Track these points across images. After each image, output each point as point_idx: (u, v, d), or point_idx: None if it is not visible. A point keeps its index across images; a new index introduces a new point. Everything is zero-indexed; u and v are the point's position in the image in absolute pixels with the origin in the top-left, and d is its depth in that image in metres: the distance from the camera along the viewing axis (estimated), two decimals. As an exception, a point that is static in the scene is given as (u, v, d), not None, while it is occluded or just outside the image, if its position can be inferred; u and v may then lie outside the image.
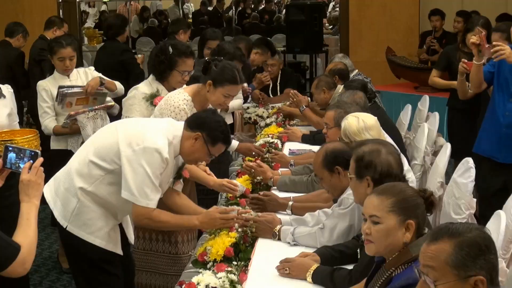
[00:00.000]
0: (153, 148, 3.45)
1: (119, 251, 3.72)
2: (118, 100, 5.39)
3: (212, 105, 4.42)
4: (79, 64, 6.42)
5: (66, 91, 5.23)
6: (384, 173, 3.02)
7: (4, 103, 4.55)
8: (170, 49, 4.69)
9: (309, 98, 6.73)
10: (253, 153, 5.12)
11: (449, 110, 6.67)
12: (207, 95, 4.33)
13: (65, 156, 5.12)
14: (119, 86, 5.56)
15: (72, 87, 5.28)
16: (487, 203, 4.90)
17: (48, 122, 5.29)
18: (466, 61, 5.45)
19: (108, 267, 3.67)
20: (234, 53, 5.56)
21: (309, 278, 3.15)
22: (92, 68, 5.65)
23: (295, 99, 6.42)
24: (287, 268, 3.19)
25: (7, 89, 4.62)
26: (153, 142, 3.47)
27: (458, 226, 2.09)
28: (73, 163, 3.66)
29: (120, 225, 3.81)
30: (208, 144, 3.59)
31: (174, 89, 4.61)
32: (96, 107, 5.30)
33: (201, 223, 3.65)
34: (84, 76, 5.44)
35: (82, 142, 5.09)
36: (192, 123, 3.64)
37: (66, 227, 3.58)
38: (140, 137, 3.51)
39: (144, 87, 4.74)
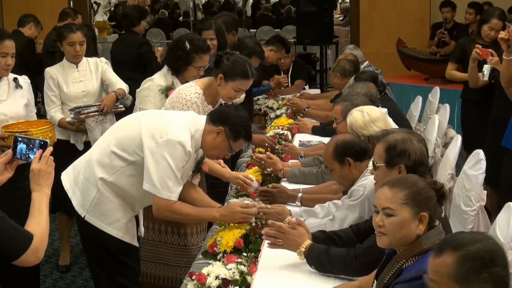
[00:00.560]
0: (177, 141, 3.46)
1: (136, 243, 3.75)
2: (132, 90, 5.37)
3: (222, 99, 4.43)
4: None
5: (81, 111, 5.19)
6: (418, 161, 3.00)
7: (21, 94, 4.57)
8: (187, 45, 4.70)
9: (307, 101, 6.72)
10: (266, 144, 5.14)
11: (462, 103, 6.62)
12: (218, 89, 4.34)
13: (68, 147, 5.20)
14: (127, 90, 5.51)
15: (88, 106, 5.22)
16: (508, 196, 4.85)
17: (54, 112, 5.26)
18: (480, 47, 5.41)
19: (125, 259, 3.69)
20: (254, 48, 5.59)
21: (299, 255, 3.16)
22: (104, 59, 5.62)
23: (294, 108, 6.44)
24: (280, 240, 3.20)
25: (24, 80, 4.64)
26: (176, 135, 3.48)
27: (462, 238, 2.04)
28: (94, 153, 3.67)
29: (136, 217, 3.84)
30: (230, 139, 3.59)
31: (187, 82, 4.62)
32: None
33: (222, 215, 3.63)
34: (94, 67, 5.41)
35: (86, 142, 5.23)
36: (215, 118, 3.64)
37: (84, 217, 3.60)
38: (164, 129, 3.51)
39: (160, 79, 4.75)
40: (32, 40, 7.96)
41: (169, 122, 3.60)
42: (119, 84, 5.42)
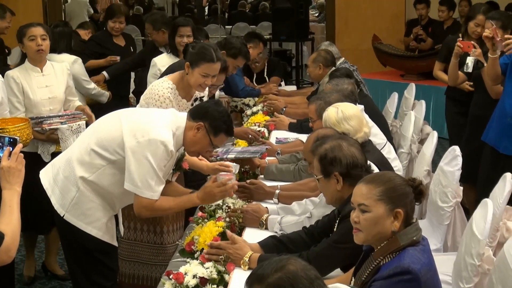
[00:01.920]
0: (159, 140, 3.42)
1: (115, 243, 3.71)
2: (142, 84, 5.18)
3: (193, 88, 4.41)
4: (70, 51, 6.29)
5: (43, 121, 4.86)
6: (350, 164, 3.04)
7: None
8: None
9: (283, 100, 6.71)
10: (250, 136, 5.18)
11: (446, 99, 6.63)
12: (187, 78, 4.35)
13: (32, 159, 4.72)
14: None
15: (51, 117, 4.89)
16: (486, 191, 4.88)
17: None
18: (461, 39, 5.39)
19: (104, 259, 3.65)
20: (240, 48, 5.60)
21: (243, 265, 3.15)
22: (67, 65, 5.27)
23: (271, 108, 6.44)
24: (221, 256, 3.19)
25: None
26: (158, 134, 3.45)
27: (264, 269, 1.97)
28: (74, 151, 3.62)
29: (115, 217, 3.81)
30: (210, 134, 3.56)
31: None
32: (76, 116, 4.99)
33: (202, 199, 3.62)
34: (59, 71, 5.09)
35: (53, 153, 4.85)
36: (195, 113, 3.62)
37: (63, 216, 3.55)
38: (145, 128, 3.48)
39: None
40: None
41: (151, 120, 3.56)
42: (77, 102, 5.21)
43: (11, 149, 2.71)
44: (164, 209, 3.59)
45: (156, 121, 3.55)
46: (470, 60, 5.38)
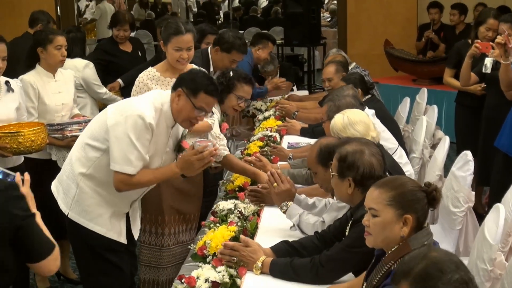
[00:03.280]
0: (136, 114, 3.41)
1: (123, 240, 3.68)
2: None
3: (173, 65, 4.41)
4: (82, 56, 6.33)
5: (65, 128, 4.89)
6: (366, 174, 3.04)
7: (13, 97, 4.51)
8: (231, 73, 4.79)
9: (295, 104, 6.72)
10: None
11: (456, 106, 6.61)
12: (167, 58, 4.40)
13: (45, 166, 4.87)
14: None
15: (70, 124, 4.92)
16: (498, 198, 4.87)
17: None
18: (479, 41, 5.37)
19: (110, 256, 3.64)
20: (233, 42, 5.46)
21: (256, 270, 3.15)
22: (73, 72, 5.34)
23: (283, 113, 6.44)
24: (234, 258, 3.19)
25: (16, 83, 4.57)
26: (135, 109, 3.45)
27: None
28: (73, 151, 3.67)
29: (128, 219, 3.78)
30: (190, 97, 3.51)
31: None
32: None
33: (180, 168, 3.58)
34: (68, 77, 5.13)
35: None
36: (174, 84, 3.62)
37: (67, 214, 3.59)
38: (124, 107, 3.52)
39: None
40: None
41: (131, 100, 3.65)
42: (76, 110, 5.22)
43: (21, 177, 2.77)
44: (143, 183, 3.56)
45: (136, 99, 3.64)
46: (488, 61, 5.36)
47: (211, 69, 5.38)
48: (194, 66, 4.53)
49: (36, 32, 5.38)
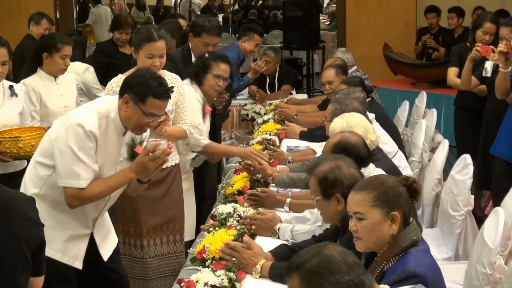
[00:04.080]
0: (75, 123, 3.21)
1: (78, 265, 3.42)
2: None
3: None
4: (82, 59, 6.33)
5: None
6: (351, 185, 3.01)
7: (16, 102, 4.51)
8: (206, 54, 4.75)
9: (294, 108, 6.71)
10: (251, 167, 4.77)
11: (456, 110, 6.61)
12: (138, 64, 4.23)
13: None
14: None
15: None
16: (498, 202, 4.85)
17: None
18: (480, 44, 5.37)
19: (55, 285, 3.30)
20: (203, 25, 5.36)
21: (255, 274, 3.15)
22: (75, 76, 5.35)
23: (282, 116, 6.43)
24: (234, 258, 3.19)
25: (20, 88, 4.57)
26: (74, 118, 3.25)
27: (302, 256, 1.97)
28: (26, 171, 3.45)
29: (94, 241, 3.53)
30: (138, 104, 3.29)
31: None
32: None
33: (135, 172, 3.37)
34: (70, 80, 5.17)
35: None
36: (120, 89, 3.39)
37: None
38: (66, 118, 3.32)
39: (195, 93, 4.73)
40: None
41: (73, 110, 3.43)
42: None
43: None
44: (96, 194, 3.31)
45: (78, 108, 3.42)
46: (489, 65, 5.35)
47: (193, 59, 5.28)
48: (166, 72, 4.37)
49: (45, 36, 5.37)
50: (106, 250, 3.61)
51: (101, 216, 3.54)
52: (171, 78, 4.37)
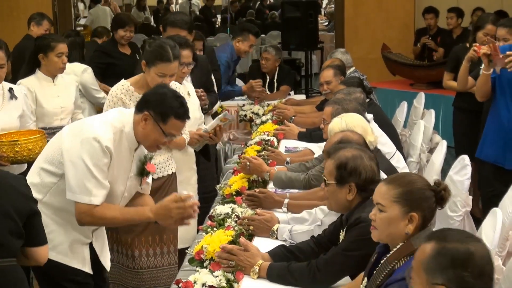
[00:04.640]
0: (91, 137, 3.15)
1: (87, 269, 3.42)
2: None
3: (151, 86, 4.02)
4: (81, 60, 6.32)
5: None
6: (368, 179, 3.04)
7: (15, 105, 4.49)
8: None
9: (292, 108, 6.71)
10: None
11: (454, 110, 6.61)
12: (145, 77, 4.13)
13: None
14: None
15: None
16: (491, 203, 4.86)
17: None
18: (478, 45, 5.38)
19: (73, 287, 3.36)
20: (182, 19, 5.24)
21: (253, 275, 3.15)
22: (75, 77, 5.35)
23: (281, 117, 6.43)
24: (231, 262, 3.19)
25: (20, 91, 4.56)
26: (91, 131, 3.18)
27: (452, 234, 2.06)
28: (28, 177, 3.34)
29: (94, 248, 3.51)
30: (159, 123, 3.24)
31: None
32: None
33: (156, 215, 3.28)
34: (69, 81, 5.16)
35: None
36: (139, 104, 3.33)
37: None
38: (79, 129, 3.26)
39: None
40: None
41: (88, 121, 3.37)
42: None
43: None
44: (107, 218, 3.24)
45: (91, 120, 3.35)
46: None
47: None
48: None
49: (39, 37, 5.35)
50: (106, 260, 3.60)
51: (100, 227, 3.55)
52: (175, 87, 4.25)
